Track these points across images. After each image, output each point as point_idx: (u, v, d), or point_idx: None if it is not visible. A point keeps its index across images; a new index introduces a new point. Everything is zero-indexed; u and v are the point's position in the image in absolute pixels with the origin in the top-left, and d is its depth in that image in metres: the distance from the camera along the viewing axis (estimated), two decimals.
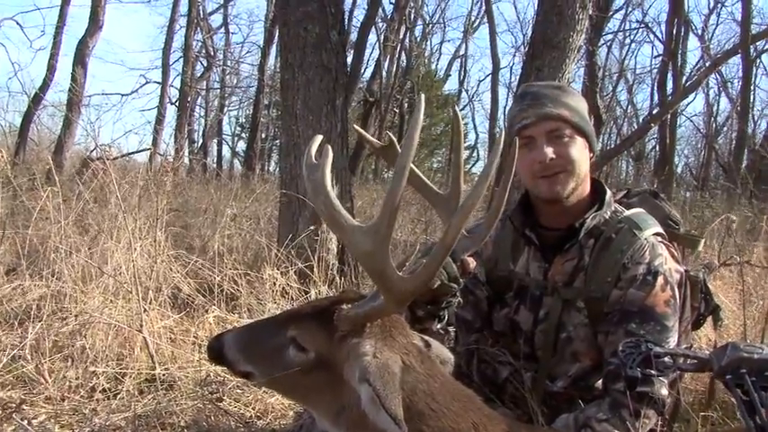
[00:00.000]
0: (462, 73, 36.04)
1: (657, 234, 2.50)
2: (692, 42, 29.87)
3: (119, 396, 3.52)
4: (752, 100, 22.67)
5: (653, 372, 2.19)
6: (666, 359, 2.25)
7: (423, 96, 1.73)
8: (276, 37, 23.28)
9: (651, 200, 2.78)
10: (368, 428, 1.78)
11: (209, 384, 3.69)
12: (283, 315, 2.11)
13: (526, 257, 2.65)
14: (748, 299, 4.19)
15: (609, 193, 2.61)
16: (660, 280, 2.40)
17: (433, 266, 1.78)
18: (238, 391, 3.68)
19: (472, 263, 2.32)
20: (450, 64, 37.35)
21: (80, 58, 15.70)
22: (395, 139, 2.31)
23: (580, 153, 2.53)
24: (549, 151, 2.48)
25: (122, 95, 22.79)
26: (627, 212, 2.56)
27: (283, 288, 4.98)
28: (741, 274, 3.66)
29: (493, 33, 24.15)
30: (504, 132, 2.07)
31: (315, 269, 5.24)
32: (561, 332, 2.55)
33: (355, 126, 2.46)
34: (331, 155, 1.76)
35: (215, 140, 31.45)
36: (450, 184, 2.27)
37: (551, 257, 2.58)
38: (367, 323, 1.85)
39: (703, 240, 2.72)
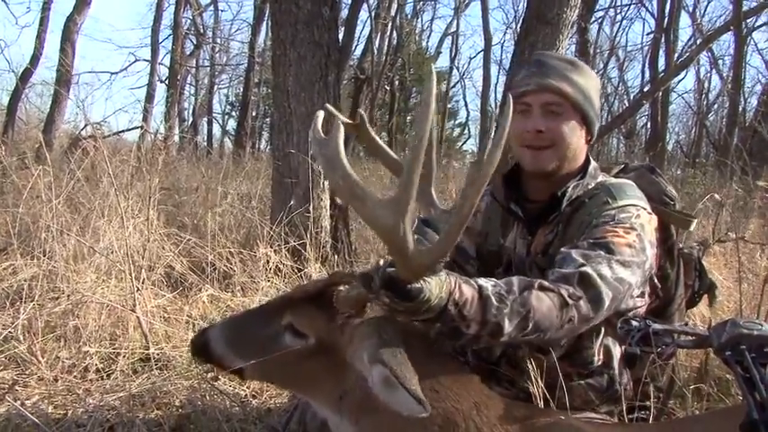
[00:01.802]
0: (453, 50, 35.76)
1: (634, 205, 2.38)
2: (684, 20, 29.77)
3: (112, 376, 3.51)
4: (743, 77, 22.59)
5: (652, 350, 2.19)
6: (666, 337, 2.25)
7: (432, 67, 1.68)
8: (267, 14, 23.16)
9: (648, 175, 2.73)
10: (371, 411, 1.78)
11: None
12: (273, 303, 2.04)
13: (514, 233, 2.61)
14: (742, 275, 4.19)
15: (593, 163, 2.58)
16: (625, 226, 2.28)
17: (449, 240, 1.72)
18: None
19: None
20: (441, 41, 37.16)
21: (68, 36, 15.49)
22: (365, 118, 2.28)
23: (572, 131, 2.48)
24: (541, 123, 2.46)
25: (111, 74, 22.55)
26: (609, 180, 2.52)
27: (277, 266, 4.97)
28: (737, 250, 3.65)
29: (485, 10, 24.08)
30: (511, 100, 1.99)
31: (308, 247, 5.22)
32: None
33: (327, 105, 2.42)
34: (342, 128, 1.70)
35: (205, 119, 31.28)
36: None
37: (535, 230, 2.54)
38: (368, 303, 1.82)
39: (696, 221, 2.67)
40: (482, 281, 1.90)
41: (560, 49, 5.96)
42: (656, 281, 2.59)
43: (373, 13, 23.09)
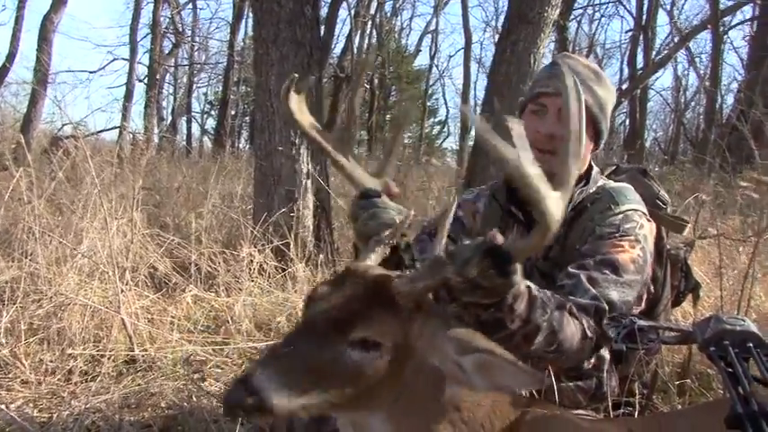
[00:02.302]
0: (433, 48, 35.79)
1: (636, 210, 2.41)
2: (662, 18, 30.02)
3: (98, 379, 3.47)
4: (720, 75, 22.79)
5: (638, 346, 2.21)
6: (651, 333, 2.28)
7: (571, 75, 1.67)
8: (245, 12, 23.09)
9: (640, 178, 2.73)
10: (424, 407, 1.75)
11: (189, 364, 3.66)
12: (314, 323, 1.68)
13: (512, 236, 2.60)
14: (722, 271, 4.23)
15: (596, 168, 2.58)
16: (630, 238, 2.31)
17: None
18: (218, 370, 3.66)
19: (394, 186, 2.16)
20: (420, 39, 37.08)
21: (45, 34, 15.37)
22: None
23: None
24: (555, 128, 2.45)
25: (89, 73, 22.43)
26: (610, 184, 2.52)
27: (261, 266, 4.95)
28: (719, 246, 3.70)
29: (465, 8, 24.13)
30: (582, 97, 1.99)
31: (292, 246, 5.21)
32: None
33: (294, 75, 2.33)
34: (521, 125, 1.64)
35: (184, 118, 31.10)
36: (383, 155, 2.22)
37: None
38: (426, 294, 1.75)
39: (689, 225, 2.69)
40: (529, 282, 1.90)
41: (541, 48, 6.00)
42: (650, 286, 2.61)
43: (353, 12, 23.08)
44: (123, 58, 23.52)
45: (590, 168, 2.58)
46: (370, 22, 26.35)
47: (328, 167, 6.48)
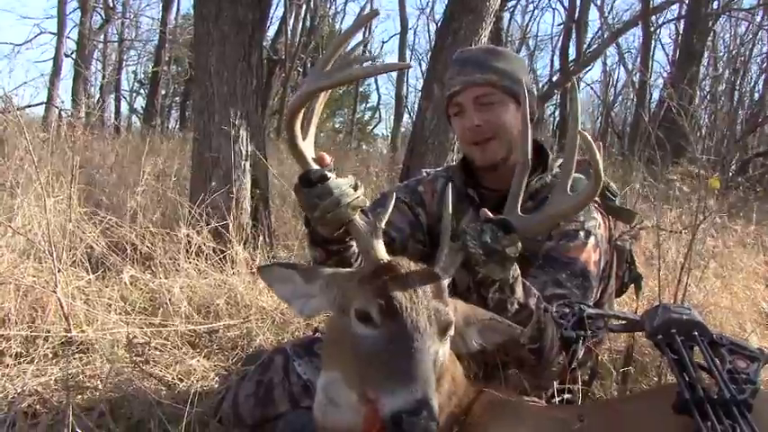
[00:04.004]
0: (366, 33, 35.67)
1: (595, 207, 2.52)
2: (593, 12, 30.57)
3: (35, 361, 3.35)
4: (650, 69, 23.37)
5: (587, 333, 2.27)
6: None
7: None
8: None
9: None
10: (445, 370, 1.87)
11: (133, 347, 3.58)
12: (424, 333, 1.70)
13: (468, 218, 2.64)
14: (653, 262, 4.34)
15: (552, 155, 2.64)
16: (592, 240, 2.43)
17: None
18: (158, 352, 3.60)
19: (327, 157, 2.14)
20: None
21: None
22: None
23: (512, 117, 2.54)
24: (476, 118, 2.50)
25: (15, 45, 21.61)
26: None
27: (199, 247, 4.86)
28: (658, 237, 3.80)
29: None
30: (526, 88, 2.22)
31: (231, 228, 5.14)
32: None
33: (307, 90, 2.26)
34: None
35: (112, 96, 30.29)
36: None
37: None
38: None
39: (638, 215, 2.77)
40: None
41: (482, 37, 6.04)
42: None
43: None
44: (51, 32, 22.75)
45: (546, 155, 2.62)
46: (304, 6, 26.11)
47: (267, 149, 6.42)
